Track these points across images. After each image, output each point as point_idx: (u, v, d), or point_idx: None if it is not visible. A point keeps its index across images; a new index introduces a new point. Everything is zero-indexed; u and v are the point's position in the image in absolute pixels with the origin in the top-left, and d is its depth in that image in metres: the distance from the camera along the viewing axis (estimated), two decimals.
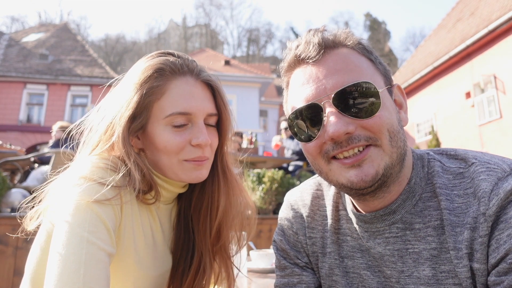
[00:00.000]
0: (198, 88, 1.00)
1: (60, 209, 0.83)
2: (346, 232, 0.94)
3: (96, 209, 0.82)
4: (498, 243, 0.70)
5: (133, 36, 55.35)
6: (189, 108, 0.96)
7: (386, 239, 0.85)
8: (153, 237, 1.02)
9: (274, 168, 5.24)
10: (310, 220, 1.01)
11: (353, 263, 0.91)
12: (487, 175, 0.75)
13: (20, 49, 20.88)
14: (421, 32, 57.16)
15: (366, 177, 0.77)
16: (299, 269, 1.00)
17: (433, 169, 0.85)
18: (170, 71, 0.98)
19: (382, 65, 0.87)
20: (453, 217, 0.77)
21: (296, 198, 1.06)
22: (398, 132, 0.80)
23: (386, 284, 0.85)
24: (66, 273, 0.73)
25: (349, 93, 0.77)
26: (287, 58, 0.88)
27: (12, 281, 3.37)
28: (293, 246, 1.02)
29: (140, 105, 0.95)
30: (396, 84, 0.89)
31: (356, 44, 0.84)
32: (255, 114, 22.15)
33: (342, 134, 0.76)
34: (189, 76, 1.00)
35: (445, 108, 14.42)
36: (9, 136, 16.93)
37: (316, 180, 1.07)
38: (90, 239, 0.78)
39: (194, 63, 1.04)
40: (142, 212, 0.99)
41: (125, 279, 0.93)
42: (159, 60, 0.99)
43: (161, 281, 1.05)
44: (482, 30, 11.86)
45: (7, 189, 3.99)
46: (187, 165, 0.98)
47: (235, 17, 59.76)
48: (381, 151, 0.78)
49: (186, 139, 0.97)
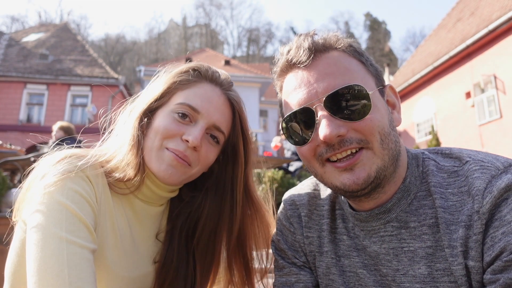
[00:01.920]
0: (220, 100, 1.04)
1: (31, 209, 0.80)
2: (342, 231, 0.95)
3: (71, 206, 0.80)
4: (493, 241, 0.70)
5: (133, 36, 55.31)
6: (200, 107, 0.99)
7: (381, 237, 0.86)
8: (132, 236, 1.00)
9: (274, 168, 5.24)
10: (307, 220, 1.01)
11: (350, 262, 0.92)
12: (481, 173, 0.76)
13: (20, 49, 20.90)
14: (421, 32, 57.33)
15: (358, 180, 0.78)
16: (296, 268, 1.01)
17: (427, 168, 0.85)
18: (205, 74, 1.06)
19: (373, 66, 0.88)
20: (447, 215, 0.77)
21: (294, 198, 1.07)
22: (389, 134, 0.81)
23: (382, 283, 0.86)
24: (49, 277, 0.71)
25: (340, 96, 0.78)
26: (279, 63, 0.89)
27: None
28: (290, 246, 1.03)
29: (166, 90, 1.02)
30: (389, 85, 0.90)
31: (346, 47, 0.85)
32: (255, 114, 22.15)
33: (334, 136, 0.77)
34: (218, 86, 1.06)
35: (445, 108, 14.42)
36: (9, 136, 16.93)
37: (313, 180, 1.07)
38: (69, 239, 0.76)
39: (229, 81, 1.09)
40: (116, 206, 0.97)
41: (98, 278, 0.89)
42: (199, 63, 1.09)
43: (142, 285, 1.01)
44: (482, 30, 11.87)
45: (7, 189, 3.99)
46: (166, 153, 0.97)
47: (235, 17, 59.80)
48: (372, 154, 0.79)
49: (180, 131, 0.97)
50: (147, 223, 1.06)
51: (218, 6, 55.72)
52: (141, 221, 1.04)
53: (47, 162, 0.88)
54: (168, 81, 1.03)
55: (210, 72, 1.06)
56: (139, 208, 1.03)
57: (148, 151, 0.98)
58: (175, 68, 1.08)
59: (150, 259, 1.05)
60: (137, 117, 1.00)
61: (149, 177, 1.00)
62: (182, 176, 1.00)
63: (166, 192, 1.05)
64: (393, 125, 0.84)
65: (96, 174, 0.91)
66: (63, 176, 0.83)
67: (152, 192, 1.03)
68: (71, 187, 0.83)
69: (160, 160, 0.97)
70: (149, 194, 1.03)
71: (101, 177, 0.93)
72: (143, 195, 1.02)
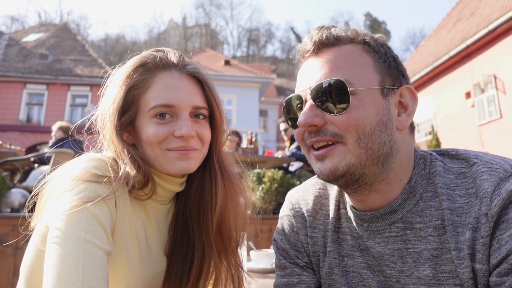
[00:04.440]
0: (184, 81, 1.01)
1: (55, 211, 0.82)
2: (346, 231, 0.94)
3: (91, 208, 0.81)
4: (500, 243, 0.69)
5: (133, 36, 55.31)
6: (172, 100, 0.97)
7: (386, 238, 0.85)
8: (146, 237, 1.01)
9: (274, 168, 5.23)
10: (312, 220, 1.00)
11: (353, 262, 0.91)
12: (489, 175, 0.75)
13: (20, 49, 20.88)
14: (421, 32, 57.43)
15: (325, 171, 0.81)
16: (299, 269, 1.00)
17: (435, 169, 0.84)
18: (154, 64, 1.00)
19: (387, 63, 0.85)
20: (454, 217, 0.77)
21: (298, 197, 1.06)
22: (372, 134, 0.79)
23: (386, 284, 0.85)
24: (64, 273, 0.73)
25: (324, 89, 0.80)
26: (297, 52, 0.94)
27: (12, 281, 3.36)
28: (293, 246, 1.02)
29: (126, 100, 0.98)
30: (405, 86, 0.86)
31: (361, 42, 0.85)
32: (255, 114, 22.14)
33: (307, 124, 0.81)
34: (174, 69, 1.01)
35: (445, 108, 14.42)
36: (9, 136, 16.92)
37: (319, 178, 1.07)
38: (87, 238, 0.78)
39: (180, 57, 1.04)
40: (135, 210, 0.99)
41: (117, 278, 0.93)
42: (144, 55, 1.02)
43: (155, 282, 1.04)
44: (482, 30, 11.86)
45: (7, 189, 3.99)
46: (170, 154, 0.97)
47: (235, 17, 59.82)
48: (345, 150, 0.79)
49: (170, 131, 0.97)
50: (161, 221, 1.08)
51: (218, 6, 55.72)
52: (157, 221, 1.06)
53: (70, 175, 0.88)
54: (123, 90, 0.97)
55: (158, 59, 1.00)
56: (154, 209, 1.05)
57: (153, 160, 0.99)
58: (122, 71, 1.01)
59: (164, 256, 1.08)
60: (115, 137, 0.97)
61: (162, 179, 1.02)
62: (197, 161, 1.02)
63: (177, 186, 1.07)
64: (389, 126, 0.81)
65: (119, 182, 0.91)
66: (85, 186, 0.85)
67: (166, 191, 1.04)
68: (90, 189, 0.85)
69: (170, 161, 0.98)
70: (164, 193, 1.05)
71: (122, 184, 0.93)
72: (158, 196, 1.03)
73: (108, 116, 0.98)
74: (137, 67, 0.99)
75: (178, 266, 1.07)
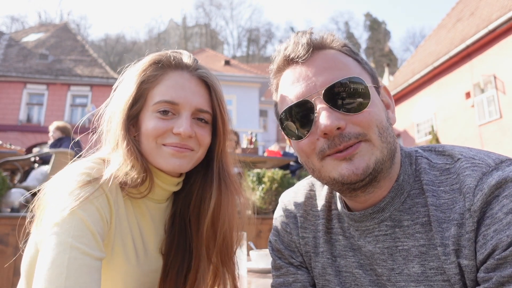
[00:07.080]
0: (192, 82, 1.03)
1: (49, 218, 0.84)
2: (338, 231, 0.95)
3: (81, 214, 0.82)
4: (485, 238, 0.70)
5: (133, 36, 55.36)
6: (177, 98, 0.99)
7: (376, 237, 0.86)
8: (141, 235, 1.03)
9: (274, 168, 5.24)
10: (303, 220, 1.02)
11: (346, 262, 0.92)
12: (472, 170, 0.76)
13: (20, 49, 20.89)
14: (421, 32, 57.26)
15: (357, 170, 0.77)
16: (293, 268, 1.01)
17: (420, 166, 0.85)
18: (167, 63, 1.03)
19: (368, 65, 0.90)
20: (439, 213, 0.77)
21: (290, 198, 1.07)
22: (387, 129, 0.81)
23: (378, 282, 0.86)
24: (50, 277, 0.75)
25: (339, 88, 0.79)
26: (276, 60, 0.90)
27: (12, 281, 3.37)
28: (287, 246, 1.03)
29: (137, 93, 1.00)
30: (383, 85, 0.91)
31: (342, 46, 0.87)
32: (255, 114, 22.14)
33: (334, 128, 0.76)
34: (186, 70, 1.04)
35: (445, 108, 14.42)
36: (9, 136, 16.93)
37: (309, 180, 1.08)
38: (73, 244, 0.79)
39: (194, 61, 1.07)
40: (128, 209, 1.00)
41: (115, 276, 0.95)
42: (160, 53, 1.06)
43: (151, 279, 1.05)
44: (482, 30, 11.87)
45: (7, 189, 3.99)
46: (165, 149, 0.99)
47: (235, 17, 59.82)
48: (371, 146, 0.79)
49: (169, 127, 0.99)
50: (157, 219, 1.09)
51: (218, 6, 55.74)
52: (153, 219, 1.07)
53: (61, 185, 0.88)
54: (135, 83, 1.01)
55: (172, 59, 1.04)
56: (151, 207, 1.06)
57: (148, 154, 1.00)
58: (137, 66, 1.05)
59: (160, 255, 1.08)
60: (121, 127, 0.99)
61: (158, 176, 1.03)
62: (190, 162, 1.03)
63: (174, 186, 1.08)
64: (390, 121, 0.85)
65: (109, 181, 0.92)
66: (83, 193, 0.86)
67: (163, 190, 1.06)
68: (82, 197, 0.85)
69: (163, 157, 0.99)
70: (161, 192, 1.06)
71: (114, 184, 0.94)
72: (155, 194, 1.04)
73: (118, 108, 1.01)
74: (151, 64, 1.03)
75: (173, 270, 1.07)
